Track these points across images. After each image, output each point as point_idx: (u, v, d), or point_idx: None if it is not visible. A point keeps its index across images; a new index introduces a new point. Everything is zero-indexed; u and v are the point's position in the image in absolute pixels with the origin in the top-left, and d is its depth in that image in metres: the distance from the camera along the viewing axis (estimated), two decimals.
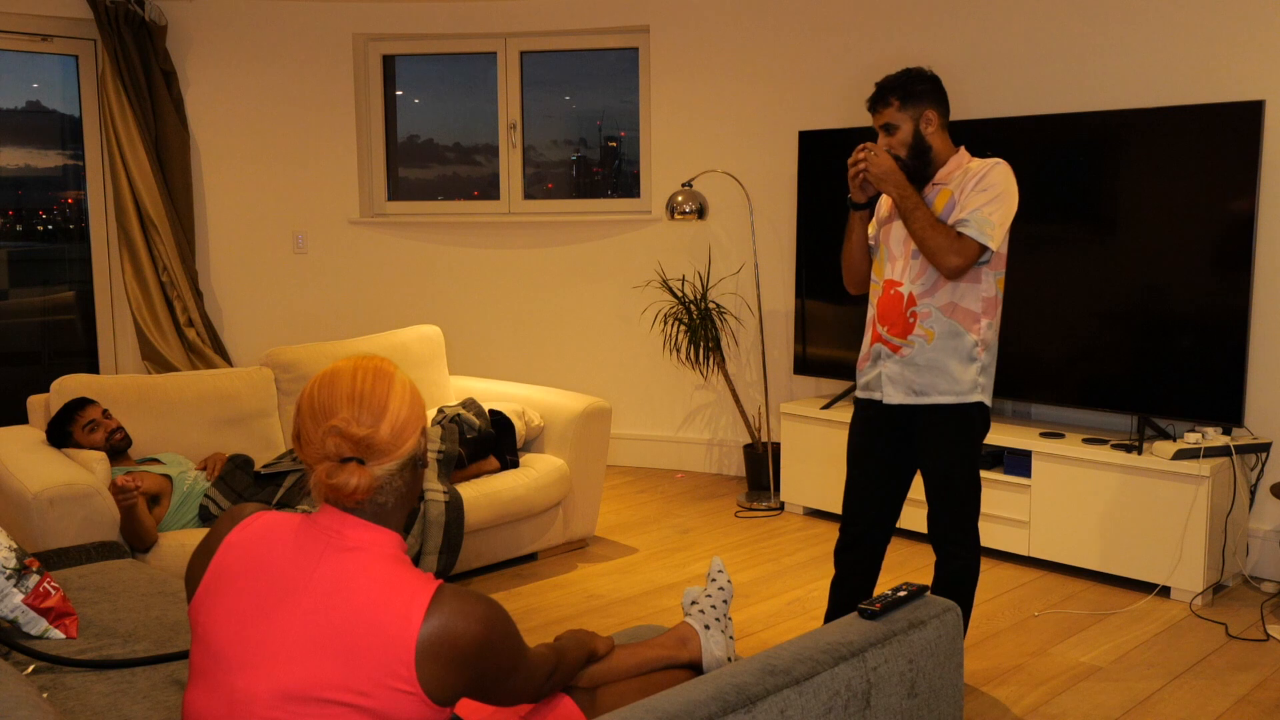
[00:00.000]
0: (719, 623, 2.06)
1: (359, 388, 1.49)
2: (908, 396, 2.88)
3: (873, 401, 2.97)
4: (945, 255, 2.76)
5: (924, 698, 1.77)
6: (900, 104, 2.82)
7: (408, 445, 1.50)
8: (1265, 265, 3.94)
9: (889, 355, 2.90)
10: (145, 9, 5.53)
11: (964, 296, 2.83)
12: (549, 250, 5.81)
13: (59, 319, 5.84)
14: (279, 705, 1.39)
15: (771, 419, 5.33)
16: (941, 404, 2.85)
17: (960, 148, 2.93)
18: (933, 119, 2.84)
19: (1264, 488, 4.00)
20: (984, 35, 4.62)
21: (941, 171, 2.88)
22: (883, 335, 2.91)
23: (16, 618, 2.31)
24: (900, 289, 2.87)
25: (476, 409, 4.30)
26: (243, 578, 1.46)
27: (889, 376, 2.90)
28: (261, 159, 5.89)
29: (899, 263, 2.89)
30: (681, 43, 5.46)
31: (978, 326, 2.84)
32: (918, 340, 2.84)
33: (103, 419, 3.56)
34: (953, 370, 2.84)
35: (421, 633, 1.38)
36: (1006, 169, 2.83)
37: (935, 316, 2.83)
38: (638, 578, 4.11)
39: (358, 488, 1.43)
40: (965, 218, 2.77)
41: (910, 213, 2.78)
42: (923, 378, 2.85)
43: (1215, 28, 4.04)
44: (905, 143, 2.84)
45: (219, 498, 3.55)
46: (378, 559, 1.45)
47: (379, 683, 1.37)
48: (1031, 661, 3.35)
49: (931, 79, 2.87)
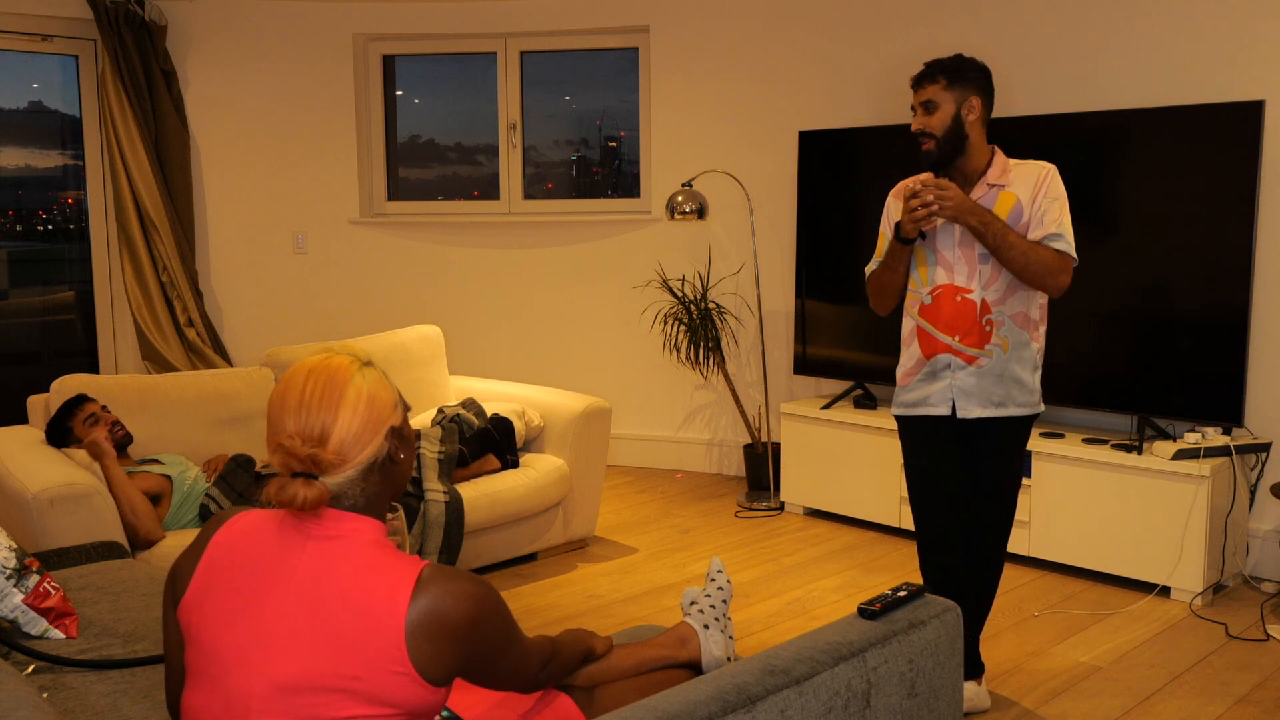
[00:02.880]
0: (718, 622, 2.06)
1: (306, 399, 1.45)
2: (985, 409, 2.76)
3: (931, 418, 2.83)
4: (1056, 276, 2.67)
5: (924, 698, 1.77)
6: (947, 83, 2.71)
7: (364, 454, 1.46)
8: (1265, 265, 3.94)
9: (961, 366, 2.76)
10: (145, 9, 5.53)
11: (1030, 305, 2.76)
12: (549, 250, 5.81)
13: (59, 319, 5.84)
14: (275, 699, 1.40)
15: (771, 419, 5.33)
16: (1017, 415, 2.79)
17: (995, 146, 2.82)
18: (975, 107, 2.73)
19: (1264, 488, 4.00)
20: (984, 35, 4.62)
21: (993, 171, 2.77)
22: (953, 345, 2.76)
23: (16, 618, 2.31)
24: (969, 295, 2.74)
25: (476, 409, 4.30)
26: (230, 576, 1.47)
27: (963, 389, 2.77)
28: (261, 159, 5.89)
29: (962, 268, 2.75)
30: (681, 43, 5.46)
31: (1038, 334, 2.81)
32: (995, 350, 2.74)
33: (102, 414, 3.57)
34: (1025, 380, 2.78)
35: (409, 614, 1.38)
36: (1058, 172, 2.77)
37: (1008, 326, 2.74)
38: (638, 578, 4.11)
39: (306, 500, 1.41)
40: (1057, 232, 2.68)
41: (1001, 238, 2.64)
42: (1001, 389, 2.76)
43: (1215, 28, 4.03)
44: (944, 124, 2.71)
45: (220, 497, 3.55)
46: (359, 545, 1.44)
47: (371, 666, 1.37)
48: (1031, 661, 3.35)
49: (984, 68, 2.77)
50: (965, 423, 2.81)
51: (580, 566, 4.24)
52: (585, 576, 4.13)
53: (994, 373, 2.76)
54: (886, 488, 4.55)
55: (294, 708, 1.39)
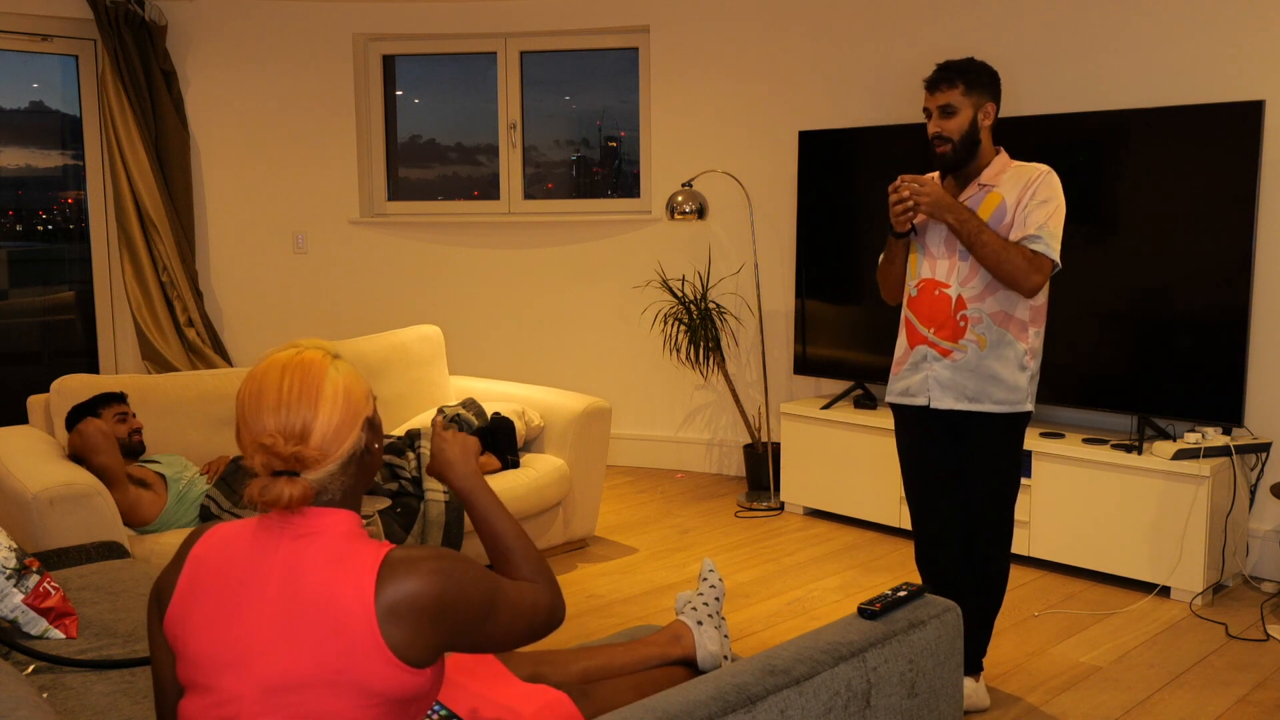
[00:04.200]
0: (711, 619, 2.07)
1: (285, 398, 1.44)
2: (959, 402, 2.80)
3: (917, 407, 2.88)
4: (1027, 276, 2.67)
5: (924, 698, 1.77)
6: (966, 88, 2.71)
7: (344, 447, 1.47)
8: (1265, 265, 3.94)
9: (937, 359, 2.81)
10: (145, 9, 5.53)
11: (1015, 305, 2.77)
12: (549, 250, 5.81)
13: (59, 319, 5.84)
14: (263, 700, 1.41)
15: (771, 419, 5.32)
16: (995, 413, 2.79)
17: (1000, 148, 2.84)
18: (990, 113, 2.75)
19: (1264, 488, 4.00)
20: (984, 35, 4.62)
21: (988, 172, 2.79)
22: (929, 338, 2.82)
23: (16, 618, 2.31)
24: (946, 290, 2.78)
25: (476, 409, 4.30)
26: (211, 585, 1.47)
27: (938, 380, 2.82)
28: (261, 159, 5.89)
29: (942, 263, 2.80)
30: (681, 43, 5.46)
31: (1026, 335, 2.79)
32: (970, 345, 2.77)
33: (131, 419, 3.64)
34: (1006, 378, 2.77)
35: (378, 600, 1.38)
36: (1057, 177, 2.77)
37: (986, 323, 2.76)
38: (638, 578, 4.11)
39: (292, 499, 1.42)
40: (1036, 234, 2.68)
41: (975, 236, 2.67)
42: (976, 384, 2.78)
43: (1215, 28, 4.03)
44: (961, 129, 2.73)
45: (220, 498, 3.55)
46: (332, 539, 1.45)
47: (350, 658, 1.38)
48: (1031, 661, 3.35)
49: (995, 72, 2.78)
50: (947, 417, 2.84)
51: (580, 566, 4.24)
52: (585, 576, 4.13)
53: (968, 368, 2.78)
54: (886, 488, 4.55)
55: (282, 706, 1.40)
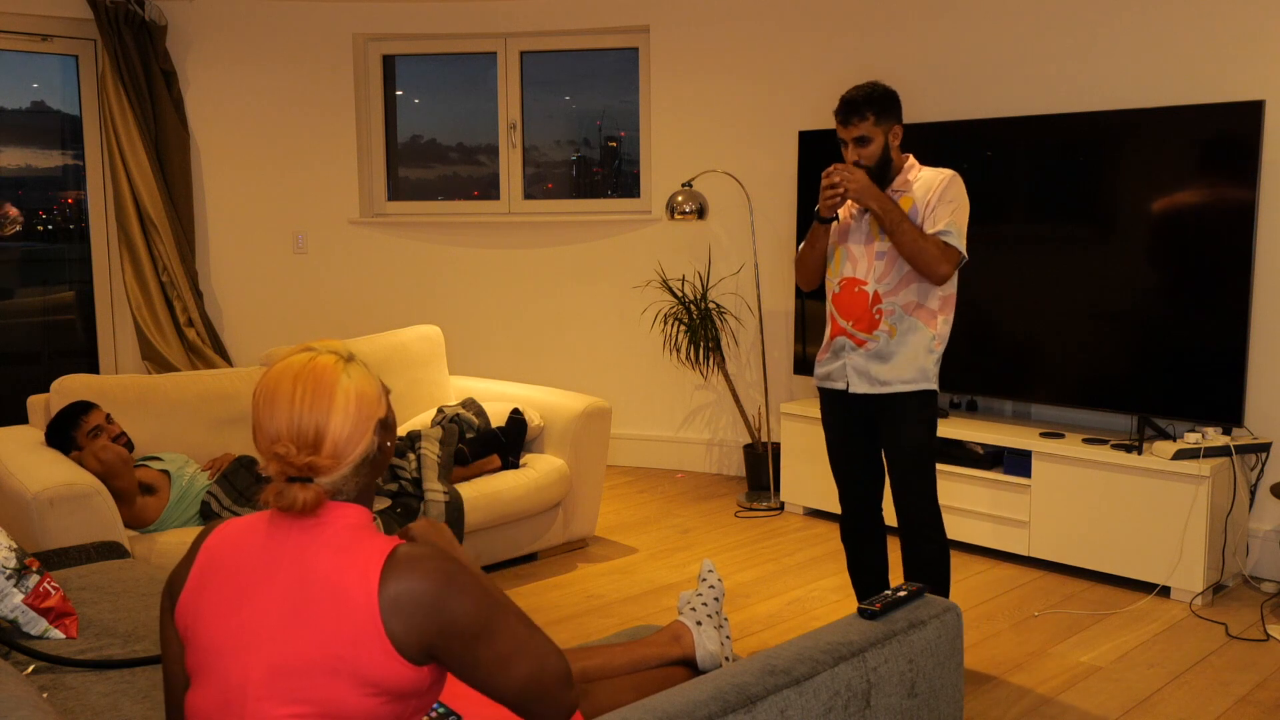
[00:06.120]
0: (711, 619, 2.07)
1: (298, 409, 1.45)
2: (871, 386, 3.05)
3: (837, 391, 3.15)
4: (938, 264, 2.92)
5: (924, 698, 1.77)
6: (876, 118, 2.96)
7: (357, 451, 1.49)
8: (1265, 265, 3.94)
9: (853, 348, 3.07)
10: (145, 9, 5.53)
11: (926, 296, 3.02)
12: (549, 250, 5.81)
13: (59, 319, 5.84)
14: (269, 683, 1.43)
15: (771, 419, 5.32)
16: (903, 392, 3.03)
17: (909, 155, 3.07)
18: (898, 133, 3.01)
19: (1264, 488, 4.00)
20: (985, 35, 4.62)
21: (899, 180, 3.04)
22: (846, 329, 3.08)
23: (16, 618, 2.31)
24: (865, 287, 3.04)
25: (476, 409, 4.30)
26: (222, 574, 1.50)
27: (854, 368, 3.07)
28: (261, 159, 5.89)
29: (861, 263, 3.06)
30: (681, 43, 5.46)
31: (935, 322, 3.03)
32: (882, 335, 3.02)
33: (106, 424, 3.48)
34: (913, 361, 3.02)
35: (381, 592, 1.41)
36: (960, 180, 3.01)
37: (898, 314, 3.01)
38: (638, 578, 4.11)
39: (306, 504, 1.44)
40: (946, 229, 2.93)
41: (896, 225, 2.92)
42: (885, 370, 3.03)
43: (1215, 28, 4.03)
44: (875, 155, 2.98)
45: (221, 495, 3.55)
46: (343, 529, 1.47)
47: (354, 646, 1.40)
48: (1031, 661, 3.35)
49: (896, 95, 3.02)
50: (863, 400, 3.08)
51: (580, 566, 4.24)
52: (585, 576, 4.13)
53: (879, 355, 3.03)
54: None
55: (287, 690, 1.42)
